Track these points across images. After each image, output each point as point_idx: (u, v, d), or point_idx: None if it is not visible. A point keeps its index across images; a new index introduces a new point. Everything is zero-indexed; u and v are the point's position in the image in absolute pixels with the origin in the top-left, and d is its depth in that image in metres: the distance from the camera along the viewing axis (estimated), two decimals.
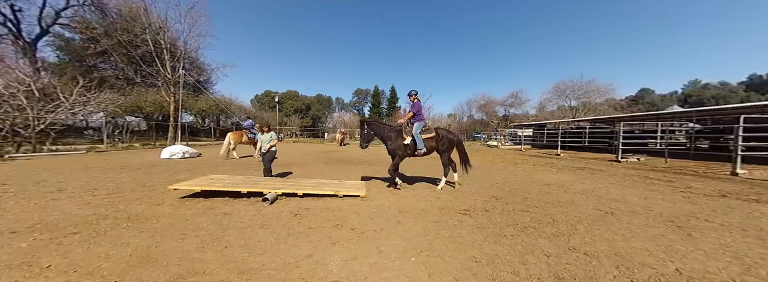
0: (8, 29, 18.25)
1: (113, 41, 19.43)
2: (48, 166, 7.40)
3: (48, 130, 11.92)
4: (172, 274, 1.91)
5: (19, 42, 18.48)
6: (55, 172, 6.27)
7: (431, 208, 3.70)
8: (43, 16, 19.21)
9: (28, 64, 16.86)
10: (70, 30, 20.99)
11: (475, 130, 36.91)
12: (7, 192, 4.25)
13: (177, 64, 19.89)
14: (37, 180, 5.30)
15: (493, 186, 5.38)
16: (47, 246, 2.34)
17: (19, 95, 11.40)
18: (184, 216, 3.25)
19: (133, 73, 21.94)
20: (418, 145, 4.77)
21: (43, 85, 12.48)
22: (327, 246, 2.44)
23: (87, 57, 21.44)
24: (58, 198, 3.95)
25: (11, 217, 3.08)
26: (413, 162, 10.10)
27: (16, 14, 18.42)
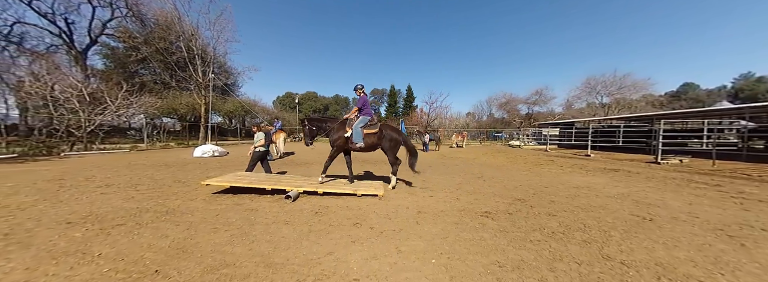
0: (63, 40, 20.44)
1: (152, 49, 21.16)
2: (97, 163, 8.19)
3: (97, 130, 13.22)
4: (205, 265, 2.05)
5: (72, 51, 20.63)
6: (103, 169, 6.93)
7: (450, 209, 3.64)
8: (92, 28, 21.29)
9: (79, 72, 18.77)
10: (115, 39, 23.08)
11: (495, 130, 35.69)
12: (64, 186, 4.76)
13: (207, 68, 21.21)
14: (87, 176, 5.89)
15: (516, 188, 5.17)
16: (98, 236, 2.59)
17: (73, 99, 12.74)
18: (215, 211, 3.46)
19: (169, 78, 23.74)
20: (354, 139, 4.67)
21: (93, 90, 13.84)
22: (347, 244, 2.48)
23: (129, 64, 23.47)
24: (106, 192, 4.36)
25: (67, 208, 3.45)
26: (434, 162, 10.01)
27: (70, 27, 20.58)
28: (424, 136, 15.93)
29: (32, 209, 3.37)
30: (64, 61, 19.25)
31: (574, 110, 36.12)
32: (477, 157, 11.79)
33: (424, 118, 36.20)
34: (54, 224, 2.85)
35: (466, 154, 13.29)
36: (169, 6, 20.33)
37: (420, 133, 17.83)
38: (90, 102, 13.27)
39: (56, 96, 12.48)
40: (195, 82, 21.28)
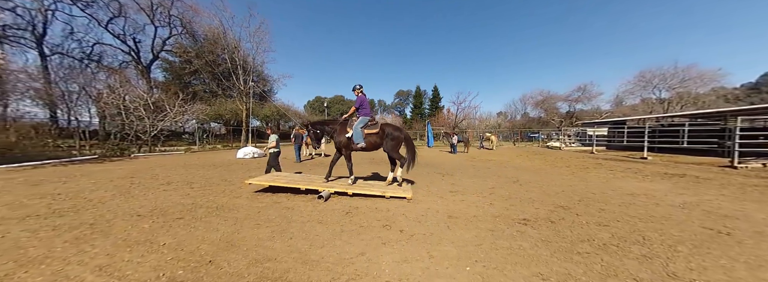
0: (132, 57, 23.84)
1: (202, 61, 23.79)
2: (159, 163, 9.36)
3: (159, 134, 15.13)
4: (250, 258, 2.22)
5: (139, 66, 23.95)
6: (164, 168, 7.90)
7: (484, 215, 3.48)
8: (154, 45, 24.54)
9: (145, 84, 21.70)
10: (172, 54, 26.31)
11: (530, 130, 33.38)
12: (134, 183, 5.52)
13: (247, 77, 23.16)
14: (152, 174, 6.75)
15: (558, 194, 4.77)
16: (162, 227, 2.96)
17: (140, 108, 14.76)
18: (256, 208, 3.74)
19: (216, 87, 26.40)
20: (355, 139, 4.63)
21: (155, 100, 15.91)
22: (378, 245, 2.51)
23: (184, 75, 26.60)
24: (167, 189, 4.96)
25: (137, 203, 3.99)
26: (450, 162, 9.72)
27: (137, 45, 23.96)
28: (452, 137, 15.44)
29: (110, 203, 3.96)
30: (132, 75, 22.41)
31: (626, 107, 32.35)
32: (511, 160, 11.13)
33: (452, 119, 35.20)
34: (127, 216, 3.32)
35: (499, 157, 12.62)
36: (216, 22, 22.67)
37: (447, 135, 17.32)
38: (153, 110, 15.25)
39: (127, 105, 14.57)
40: (237, 90, 23.37)
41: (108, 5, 21.19)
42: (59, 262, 2.10)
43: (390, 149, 4.71)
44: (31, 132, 10.19)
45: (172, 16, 23.61)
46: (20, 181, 5.55)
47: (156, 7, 22.58)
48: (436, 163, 9.73)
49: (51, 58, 19.46)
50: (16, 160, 8.15)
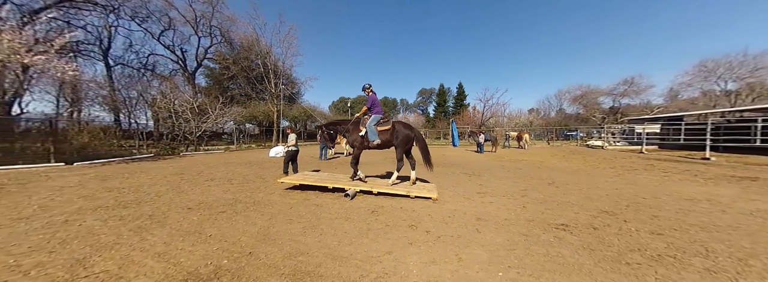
0: (180, 65, 26.47)
1: (238, 67, 25.70)
2: (203, 161, 10.28)
3: (203, 135, 16.62)
4: (285, 252, 2.37)
5: (185, 74, 26.52)
6: (208, 166, 8.66)
7: (516, 218, 3.32)
8: (198, 54, 26.98)
9: (190, 89, 23.95)
10: (213, 62, 28.75)
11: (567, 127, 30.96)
12: (184, 179, 6.12)
13: (278, 80, 24.53)
14: (198, 171, 7.44)
15: (602, 198, 4.39)
16: (208, 219, 3.26)
17: (187, 111, 16.32)
18: (288, 204, 3.96)
19: (250, 90, 28.34)
20: (369, 137, 4.71)
21: (199, 104, 17.48)
22: (404, 245, 2.52)
23: (223, 81, 28.90)
24: (211, 185, 5.44)
25: (186, 197, 4.42)
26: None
27: (184, 54, 26.54)
28: (479, 136, 14.82)
29: (165, 196, 4.44)
30: (180, 81, 24.82)
31: (682, 101, 28.64)
32: (545, 160, 10.44)
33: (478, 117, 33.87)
34: (179, 209, 3.71)
35: (531, 157, 11.90)
36: (250, 30, 24.35)
37: (473, 134, 16.65)
38: (198, 113, 16.78)
39: (176, 109, 16.21)
40: (269, 92, 24.89)
41: (160, 19, 23.74)
42: (126, 249, 2.42)
43: (400, 145, 4.72)
44: (100, 133, 11.81)
45: (213, 26, 25.80)
46: (92, 176, 6.45)
47: (199, 18, 24.79)
48: (462, 163, 9.47)
49: (114, 68, 22.31)
50: (88, 157, 9.49)
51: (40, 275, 1.93)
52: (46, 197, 4.22)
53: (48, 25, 13.56)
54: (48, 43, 9.35)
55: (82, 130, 11.15)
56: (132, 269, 2.04)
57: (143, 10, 22.39)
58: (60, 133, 9.69)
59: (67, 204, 3.85)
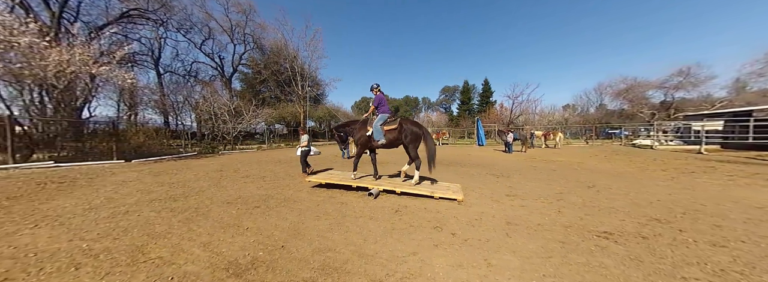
0: (218, 72, 28.79)
1: (269, 71, 27.35)
2: (239, 159, 11.06)
3: (238, 135, 17.90)
4: (314, 247, 2.47)
5: (223, 79, 28.77)
6: (243, 164, 9.30)
7: (551, 223, 3.12)
8: (234, 60, 29.12)
9: (227, 93, 25.93)
10: (246, 67, 30.82)
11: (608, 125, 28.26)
12: (223, 176, 6.63)
13: (304, 82, 25.63)
14: (235, 168, 8.02)
15: (652, 204, 3.96)
16: (245, 214, 3.50)
17: (225, 113, 17.68)
18: (315, 201, 4.11)
19: (279, 93, 29.90)
20: (375, 136, 4.74)
21: (235, 106, 18.84)
22: (430, 247, 2.49)
23: (255, 84, 30.88)
24: (247, 182, 5.83)
25: (225, 192, 4.79)
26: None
27: (222, 61, 28.83)
28: (507, 135, 14.07)
29: (207, 191, 4.85)
30: (219, 86, 26.97)
31: (752, 94, 24.63)
32: (584, 161, 9.65)
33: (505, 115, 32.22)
34: (220, 203, 4.03)
35: (566, 157, 11.05)
36: (279, 36, 25.75)
37: (501, 132, 15.85)
38: (234, 115, 18.10)
39: (215, 112, 17.63)
40: (296, 94, 26.12)
41: (201, 30, 26.04)
42: (176, 238, 2.69)
43: (408, 143, 4.67)
44: (153, 134, 13.29)
45: (246, 34, 27.72)
46: (147, 172, 7.26)
47: (234, 27, 26.77)
48: (489, 164, 9.09)
49: (164, 76, 24.86)
50: (143, 155, 10.69)
51: (107, 259, 2.22)
52: (110, 190, 4.84)
53: (110, 39, 15.51)
54: (110, 55, 10.70)
55: (138, 131, 12.60)
56: (182, 257, 2.27)
57: (187, 22, 24.71)
58: (120, 134, 11.04)
59: (127, 196, 4.38)
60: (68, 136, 9.74)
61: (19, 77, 8.51)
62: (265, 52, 29.48)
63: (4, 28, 7.48)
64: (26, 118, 9.00)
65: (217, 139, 17.02)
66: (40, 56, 8.24)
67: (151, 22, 21.29)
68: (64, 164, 7.79)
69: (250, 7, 26.73)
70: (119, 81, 10.65)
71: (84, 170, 7.11)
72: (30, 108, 9.38)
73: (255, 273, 2.02)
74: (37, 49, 8.16)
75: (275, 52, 27.27)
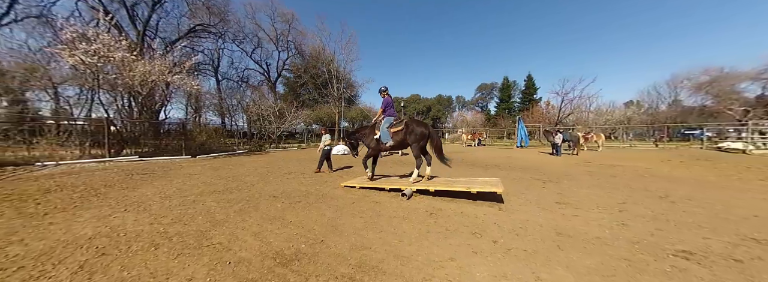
0: (265, 77, 31.59)
1: (308, 75, 29.24)
2: (282, 157, 11.96)
3: (281, 134, 19.39)
4: (350, 244, 2.54)
5: (269, 83, 31.47)
6: (286, 161, 10.03)
7: (613, 237, 2.74)
8: (278, 66, 31.72)
9: (272, 97, 28.30)
10: (288, 72, 33.30)
11: (685, 125, 23.88)
12: (269, 171, 7.24)
13: (339, 84, 26.71)
14: (279, 165, 8.69)
15: (748, 220, 3.24)
16: (288, 208, 3.76)
17: (270, 115, 19.30)
18: (351, 199, 4.24)
19: (317, 95, 31.66)
20: (382, 139, 4.89)
21: (279, 108, 20.46)
22: (468, 253, 2.38)
23: (296, 88, 33.21)
24: (289, 178, 6.27)
25: (271, 187, 5.21)
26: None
27: (268, 67, 31.56)
28: (554, 136, 12.72)
29: (257, 185, 5.34)
30: (265, 90, 29.55)
31: None
32: (653, 166, 8.31)
33: (552, 113, 29.28)
34: (266, 197, 4.40)
35: (630, 161, 9.62)
36: (317, 41, 27.25)
37: (547, 133, 14.39)
38: (278, 116, 19.67)
39: (263, 113, 19.34)
40: (332, 96, 27.36)
41: (251, 40, 28.89)
42: (232, 226, 3.00)
43: (413, 142, 4.74)
44: (212, 133, 15.16)
45: (289, 41, 30.01)
46: (208, 166, 8.25)
47: (279, 35, 29.14)
48: (533, 167, 8.37)
49: (221, 82, 28.10)
50: (205, 152, 12.19)
51: (179, 241, 2.58)
52: (181, 181, 5.62)
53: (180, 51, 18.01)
54: (181, 66, 12.44)
55: (202, 131, 14.43)
56: (237, 244, 2.52)
57: (240, 34, 27.60)
58: (188, 133, 12.76)
59: (194, 187, 5.04)
60: (149, 134, 11.60)
61: (113, 86, 10.39)
62: (305, 57, 31.48)
63: (103, 45, 9.19)
64: (118, 120, 10.95)
65: (263, 138, 18.66)
66: (129, 68, 9.94)
67: (212, 35, 24.26)
68: (146, 158, 9.26)
69: (292, 16, 28.88)
70: (188, 87, 12.35)
71: (160, 164, 8.37)
72: (121, 111, 11.40)
73: (298, 264, 2.15)
74: (126, 62, 9.86)
75: (314, 57, 28.99)
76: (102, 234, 2.72)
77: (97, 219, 3.18)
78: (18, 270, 2.00)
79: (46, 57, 11.67)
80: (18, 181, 5.06)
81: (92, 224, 3.00)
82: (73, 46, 8.78)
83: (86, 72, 9.39)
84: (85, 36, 9.10)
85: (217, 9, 23.26)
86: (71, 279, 1.90)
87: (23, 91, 11.28)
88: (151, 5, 19.15)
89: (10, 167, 6.55)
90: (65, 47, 8.79)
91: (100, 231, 2.80)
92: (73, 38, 8.83)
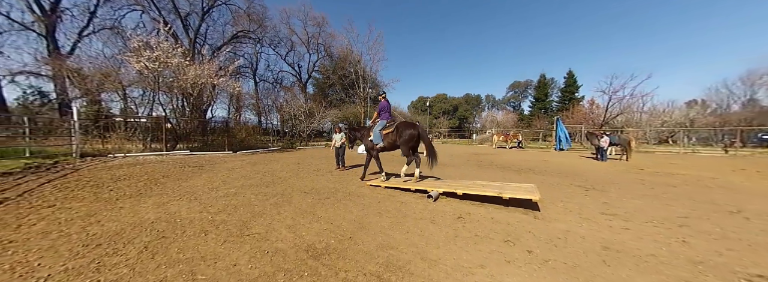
0: (296, 78, 33.27)
1: (336, 76, 30.18)
2: (311, 154, 12.50)
3: (311, 133, 20.27)
4: (377, 242, 2.58)
5: (300, 84, 33.07)
6: (315, 158, 10.47)
7: (671, 256, 2.43)
8: (308, 68, 33.23)
9: (303, 97, 29.70)
10: (318, 73, 34.64)
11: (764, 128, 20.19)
12: (300, 168, 7.60)
13: (365, 84, 27.19)
14: (309, 162, 9.10)
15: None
16: (318, 203, 3.93)
17: (301, 114, 20.27)
18: (376, 198, 4.30)
19: (344, 95, 32.56)
20: (374, 140, 5.25)
21: (309, 108, 21.41)
22: (500, 262, 2.28)
23: (325, 88, 34.44)
24: (318, 175, 6.54)
25: (302, 183, 5.47)
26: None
27: (299, 69, 33.18)
28: (600, 138, 11.50)
29: (289, 181, 5.65)
30: (297, 91, 31.10)
31: None
32: (721, 176, 7.19)
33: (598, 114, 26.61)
34: (299, 192, 4.64)
35: (693, 170, 8.41)
36: (345, 43, 28.03)
37: (591, 135, 13.05)
38: (308, 115, 20.59)
39: (294, 113, 20.39)
40: (358, 96, 27.97)
41: (285, 44, 30.66)
42: (269, 218, 3.22)
43: (402, 143, 4.95)
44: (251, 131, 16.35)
45: (319, 43, 31.20)
46: (247, 162, 8.92)
47: (310, 38, 30.52)
48: (574, 173, 7.72)
49: (258, 84, 30.17)
50: (244, 148, 13.20)
51: (224, 229, 2.84)
52: (225, 174, 6.16)
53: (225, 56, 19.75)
54: (225, 69, 13.61)
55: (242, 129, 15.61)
56: (274, 235, 2.71)
57: (276, 38, 29.44)
58: (230, 131, 13.90)
59: (236, 180, 5.49)
60: (198, 131, 12.88)
61: (170, 88, 11.70)
62: (334, 58, 32.61)
63: (163, 52, 10.38)
64: (173, 118, 12.30)
65: (294, 136, 19.67)
66: (183, 72, 11.12)
67: (251, 41, 26.17)
68: (196, 153, 10.29)
69: (323, 19, 30.08)
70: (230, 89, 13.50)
71: (207, 158, 9.24)
72: (176, 110, 12.80)
73: (328, 258, 2.24)
74: (181, 67, 11.04)
75: (342, 58, 29.96)
76: (162, 219, 3.10)
77: (157, 205, 3.62)
78: (96, 247, 2.36)
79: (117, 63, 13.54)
80: (95, 170, 5.94)
81: (154, 210, 3.42)
82: (139, 54, 10.06)
83: (149, 76, 10.71)
84: (149, 44, 10.38)
85: (256, 16, 25.05)
86: (138, 257, 2.19)
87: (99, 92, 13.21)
88: (201, 15, 21.23)
89: (89, 158, 7.71)
90: (133, 54, 10.11)
91: (160, 216, 3.19)
92: (139, 47, 10.12)
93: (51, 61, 14.14)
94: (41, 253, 2.23)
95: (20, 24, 15.59)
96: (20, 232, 2.65)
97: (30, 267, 2.01)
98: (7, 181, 4.54)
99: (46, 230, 2.69)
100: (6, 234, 2.57)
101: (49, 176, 5.10)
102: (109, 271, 1.97)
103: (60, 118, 12.88)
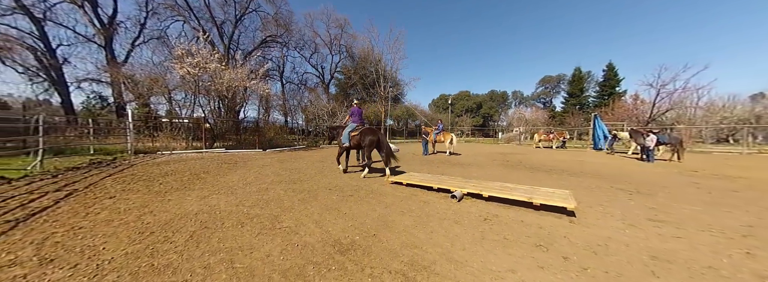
0: (319, 79, 34.32)
1: (357, 76, 30.66)
2: (333, 152, 12.70)
3: None
4: (401, 241, 2.59)
5: (323, 85, 34.06)
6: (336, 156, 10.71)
7: (733, 268, 2.16)
8: (331, 69, 34.10)
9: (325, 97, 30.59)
10: (340, 74, 35.41)
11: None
12: (324, 166, 7.85)
13: (386, 84, 27.27)
14: (331, 160, 9.32)
15: None
16: (342, 200, 4.04)
17: (324, 114, 20.88)
18: (399, 197, 4.30)
19: (365, 94, 32.92)
20: (343, 140, 6.37)
21: (332, 108, 21.98)
22: (532, 267, 2.17)
23: (347, 88, 35.11)
24: (340, 172, 6.70)
25: (327, 180, 5.63)
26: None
27: (322, 71, 34.18)
28: (646, 137, 10.37)
29: (315, 178, 5.86)
30: (320, 91, 32.08)
31: None
32: None
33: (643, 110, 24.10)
34: (324, 189, 4.80)
35: (758, 172, 7.30)
36: (366, 43, 28.37)
37: (636, 133, 11.77)
38: (331, 115, 21.16)
39: (317, 113, 21.07)
40: (378, 95, 28.12)
41: (309, 46, 31.77)
42: (297, 213, 3.38)
43: (365, 146, 5.97)
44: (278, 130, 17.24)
45: (341, 45, 31.98)
46: (276, 159, 9.40)
47: (333, 40, 31.36)
48: (615, 174, 7.09)
49: (285, 85, 31.57)
50: (273, 146, 13.92)
51: (258, 222, 3.03)
52: (257, 171, 6.55)
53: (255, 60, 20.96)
54: (256, 73, 14.45)
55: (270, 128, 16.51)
56: (302, 229, 2.84)
57: (301, 41, 30.62)
58: (261, 130, 14.74)
59: (266, 177, 5.82)
60: (232, 131, 13.83)
61: (208, 91, 12.69)
62: (355, 59, 33.18)
63: (202, 58, 11.28)
64: (211, 119, 13.32)
65: (318, 135, 20.33)
66: (219, 76, 11.99)
67: (278, 45, 27.48)
68: (230, 151, 11.05)
69: (345, 21, 30.74)
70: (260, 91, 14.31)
71: (240, 156, 9.88)
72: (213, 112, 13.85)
73: (354, 254, 2.30)
74: (218, 72, 11.91)
75: (363, 58, 30.38)
76: (204, 211, 3.38)
77: (199, 198, 3.96)
78: (150, 235, 2.64)
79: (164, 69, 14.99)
80: (146, 166, 6.63)
81: (197, 202, 3.75)
82: (182, 60, 11.03)
83: (190, 80, 11.72)
84: (190, 52, 11.34)
85: (283, 21, 26.28)
86: (185, 245, 2.42)
87: (149, 96, 14.71)
88: (234, 23, 22.74)
89: (141, 154, 8.62)
90: (177, 61, 11.11)
91: (202, 208, 3.48)
92: (182, 54, 11.09)
93: (109, 69, 16.01)
94: (105, 238, 2.55)
95: (84, 37, 17.85)
96: (88, 219, 3.05)
97: (96, 250, 2.31)
98: (76, 175, 5.24)
99: (108, 218, 3.07)
100: (77, 221, 2.98)
101: (110, 171, 5.79)
102: (161, 257, 2.20)
103: (117, 119, 14.59)
